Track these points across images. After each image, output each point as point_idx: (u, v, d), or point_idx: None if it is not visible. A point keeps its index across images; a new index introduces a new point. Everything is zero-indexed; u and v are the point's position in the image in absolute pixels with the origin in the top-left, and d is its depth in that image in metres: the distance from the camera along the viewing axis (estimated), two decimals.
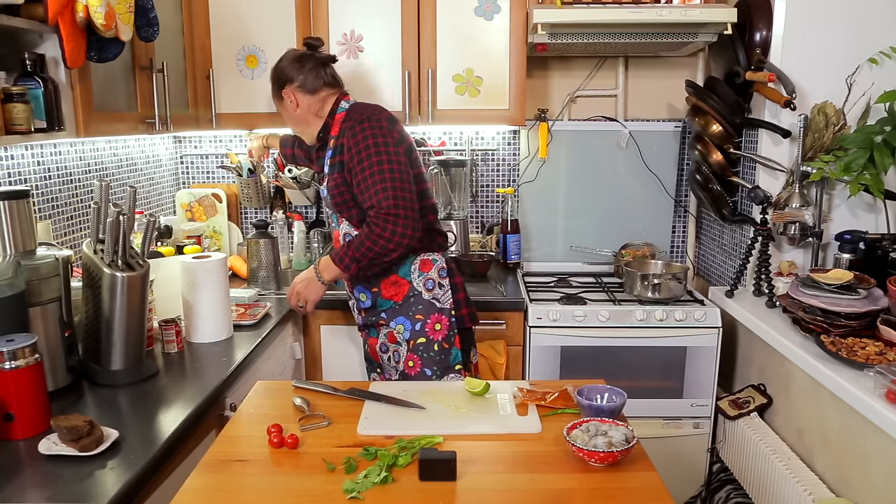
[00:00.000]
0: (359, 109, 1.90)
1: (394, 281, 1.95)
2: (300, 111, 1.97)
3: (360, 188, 1.80)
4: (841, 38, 2.21)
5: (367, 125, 1.81)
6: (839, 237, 2.17)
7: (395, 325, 1.95)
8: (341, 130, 1.90)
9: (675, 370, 2.41)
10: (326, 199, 1.97)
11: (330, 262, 1.89)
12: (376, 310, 1.99)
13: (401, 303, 1.94)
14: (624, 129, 2.90)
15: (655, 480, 1.21)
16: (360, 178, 1.79)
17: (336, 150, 1.90)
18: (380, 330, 2.00)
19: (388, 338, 1.97)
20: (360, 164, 1.78)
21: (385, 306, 1.97)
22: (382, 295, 1.96)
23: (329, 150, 1.94)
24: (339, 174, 1.88)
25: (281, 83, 1.97)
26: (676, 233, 3.03)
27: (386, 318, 1.96)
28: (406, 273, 1.95)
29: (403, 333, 1.94)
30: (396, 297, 1.95)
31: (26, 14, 1.55)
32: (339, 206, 1.92)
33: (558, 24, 2.36)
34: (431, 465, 1.20)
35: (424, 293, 1.94)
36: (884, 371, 1.57)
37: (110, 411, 1.49)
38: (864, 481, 1.67)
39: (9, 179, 1.92)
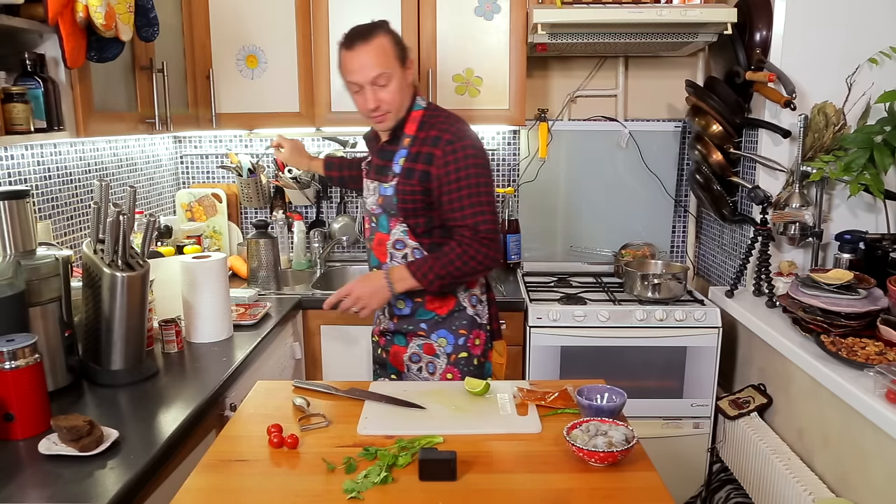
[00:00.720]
0: (453, 122, 1.78)
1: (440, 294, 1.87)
2: (410, 89, 1.80)
3: (455, 206, 1.73)
4: (841, 38, 2.21)
5: (471, 148, 1.74)
6: (839, 237, 2.17)
7: (436, 338, 1.87)
8: (426, 138, 1.76)
9: (675, 370, 2.41)
10: (387, 197, 1.81)
11: (406, 273, 1.76)
12: (414, 319, 1.88)
13: (444, 316, 1.87)
14: (624, 129, 2.90)
15: (655, 480, 1.21)
16: (457, 195, 1.72)
17: (417, 156, 1.76)
18: (411, 339, 1.89)
19: (424, 349, 1.88)
20: (459, 183, 1.72)
21: (426, 317, 1.87)
22: (425, 306, 1.86)
23: (403, 149, 1.80)
24: (420, 182, 1.75)
25: (407, 50, 1.78)
26: (676, 233, 3.03)
27: (426, 329, 1.87)
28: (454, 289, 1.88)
29: (445, 347, 1.87)
30: (440, 309, 1.86)
31: (26, 14, 1.55)
32: (404, 212, 1.80)
33: (558, 24, 2.36)
34: (431, 465, 1.20)
35: (469, 309, 1.88)
36: (884, 371, 1.57)
37: (110, 411, 1.49)
38: (864, 481, 1.67)
39: (9, 179, 1.92)
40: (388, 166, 1.83)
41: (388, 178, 1.81)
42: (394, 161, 1.81)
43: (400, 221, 1.83)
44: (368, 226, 1.96)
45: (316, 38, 2.58)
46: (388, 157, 1.84)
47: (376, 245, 1.89)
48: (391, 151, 1.83)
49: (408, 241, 1.83)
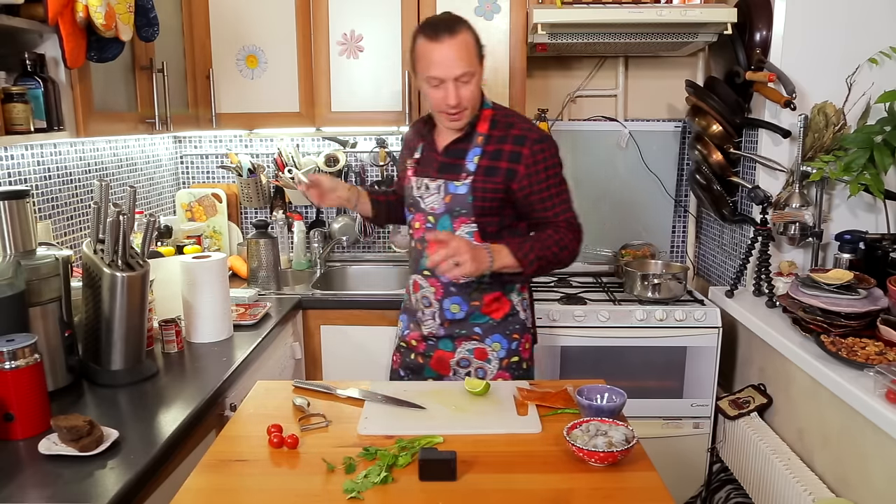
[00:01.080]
0: (529, 121, 1.81)
1: (497, 297, 1.83)
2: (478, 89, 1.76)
3: (546, 204, 1.76)
4: (841, 38, 2.21)
5: (554, 146, 1.79)
6: (839, 237, 2.17)
7: (490, 343, 1.83)
8: (505, 136, 1.75)
9: (675, 370, 2.41)
10: (458, 196, 1.76)
11: (507, 252, 1.69)
12: (468, 323, 1.83)
13: (499, 321, 1.84)
14: (624, 129, 2.90)
15: (655, 480, 1.21)
16: (547, 193, 1.76)
17: (497, 154, 1.74)
18: (460, 344, 1.84)
19: (476, 353, 1.84)
20: (549, 181, 1.75)
21: (481, 321, 1.83)
22: (482, 310, 1.82)
23: (476, 147, 1.76)
24: (503, 180, 1.73)
25: (483, 47, 1.75)
26: (676, 233, 3.03)
27: (481, 333, 1.83)
28: (510, 291, 1.85)
29: (499, 352, 1.84)
30: (496, 313, 1.83)
31: (26, 14, 1.56)
32: (479, 210, 1.75)
33: (558, 24, 2.36)
34: (431, 465, 1.20)
35: (521, 313, 1.87)
36: (884, 371, 1.57)
37: (110, 411, 1.49)
38: (864, 481, 1.67)
39: (9, 179, 1.92)
40: (459, 164, 1.77)
41: (459, 176, 1.76)
42: (466, 159, 1.76)
43: (468, 222, 1.77)
44: (420, 226, 1.84)
45: (316, 38, 2.58)
46: (458, 155, 1.78)
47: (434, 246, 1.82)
48: (462, 150, 1.78)
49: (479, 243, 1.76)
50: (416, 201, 1.85)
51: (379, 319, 2.45)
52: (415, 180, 1.84)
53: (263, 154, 3.01)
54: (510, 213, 1.80)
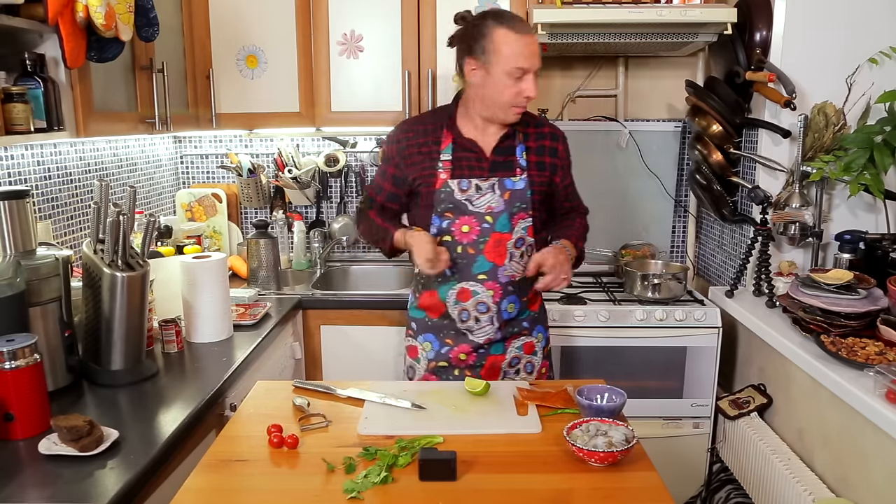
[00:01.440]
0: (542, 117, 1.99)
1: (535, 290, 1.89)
2: None
3: (571, 193, 1.96)
4: (841, 38, 2.21)
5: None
6: (839, 237, 2.17)
7: (535, 335, 1.91)
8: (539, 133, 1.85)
9: (675, 370, 2.41)
10: (517, 191, 1.78)
11: (570, 244, 1.83)
12: (519, 320, 1.88)
13: (538, 312, 1.93)
14: (624, 129, 2.90)
15: (655, 480, 1.21)
16: (572, 183, 1.96)
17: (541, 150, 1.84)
18: (509, 344, 1.86)
19: (525, 348, 1.88)
20: (572, 173, 1.96)
21: (527, 314, 1.90)
22: (529, 306, 1.90)
23: (521, 144, 1.81)
24: (550, 174, 1.85)
25: None
26: (676, 233, 3.03)
27: (528, 327, 1.90)
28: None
29: (542, 342, 1.93)
30: (534, 306, 1.92)
31: (26, 14, 1.56)
32: (536, 204, 1.81)
33: (558, 24, 2.36)
34: (431, 465, 1.20)
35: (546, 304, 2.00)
36: (884, 371, 1.57)
37: (110, 411, 1.49)
38: (864, 481, 1.67)
39: (9, 179, 1.92)
40: (510, 161, 1.80)
41: (514, 171, 1.79)
42: (516, 154, 1.80)
43: (526, 217, 1.79)
44: (470, 229, 1.77)
45: (316, 38, 2.58)
46: (508, 152, 1.80)
47: (493, 246, 1.77)
48: (510, 146, 1.80)
49: (527, 238, 1.82)
50: (460, 204, 1.76)
51: (379, 319, 2.45)
52: (455, 183, 1.76)
53: (263, 154, 3.01)
54: (546, 206, 1.91)
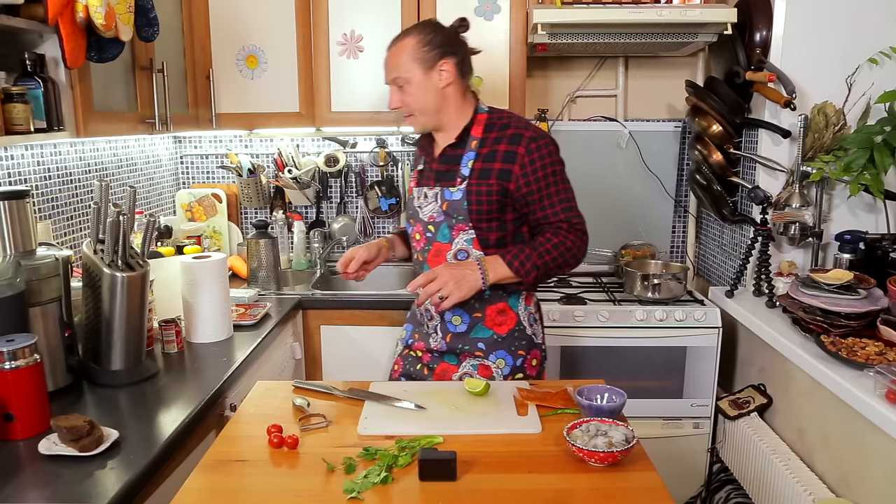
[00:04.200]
0: (525, 121, 1.78)
1: (501, 309, 1.77)
2: (448, 90, 1.72)
3: (545, 203, 1.71)
4: (841, 38, 2.21)
5: (553, 144, 1.73)
6: (839, 237, 2.17)
7: (494, 360, 1.77)
8: (500, 137, 1.72)
9: (675, 370, 2.41)
10: (454, 202, 1.73)
11: (500, 263, 1.66)
12: (470, 337, 1.78)
13: (504, 336, 1.78)
14: (624, 129, 2.90)
15: (655, 480, 1.21)
16: (546, 192, 1.71)
17: (492, 155, 1.71)
18: (464, 359, 1.79)
19: (479, 370, 1.77)
20: (547, 180, 1.71)
21: (483, 335, 1.78)
22: (484, 322, 1.77)
23: (471, 151, 1.73)
24: (497, 181, 1.69)
25: (440, 52, 1.70)
26: (676, 233, 3.03)
27: (484, 349, 1.77)
28: (515, 304, 1.79)
29: (503, 369, 1.77)
30: (500, 328, 1.78)
31: (26, 14, 1.55)
32: (476, 215, 1.72)
33: (558, 24, 2.36)
34: (431, 465, 1.20)
35: (528, 328, 1.80)
36: (884, 371, 1.57)
37: (110, 411, 1.49)
38: (864, 481, 1.67)
39: (9, 179, 1.92)
40: (454, 170, 1.75)
41: (454, 181, 1.74)
42: (461, 164, 1.74)
43: (466, 228, 1.74)
44: (420, 237, 1.81)
45: (316, 38, 2.58)
46: (454, 161, 1.76)
47: (433, 256, 1.78)
48: (457, 155, 1.76)
49: (472, 251, 1.74)
50: (415, 212, 1.82)
51: (379, 319, 2.45)
52: (416, 191, 1.82)
53: (263, 154, 3.01)
54: (512, 218, 1.75)
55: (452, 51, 1.72)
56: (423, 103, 1.74)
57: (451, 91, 1.73)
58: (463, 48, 1.76)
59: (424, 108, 1.75)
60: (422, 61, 1.70)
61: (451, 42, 1.73)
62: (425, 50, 1.70)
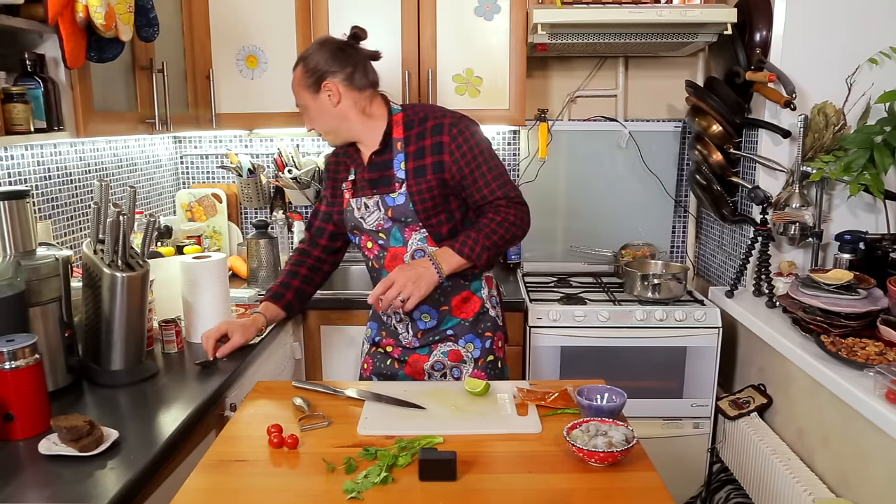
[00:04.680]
0: (440, 109, 1.79)
1: (465, 297, 1.82)
2: (341, 107, 1.74)
3: (480, 183, 1.73)
4: (841, 38, 2.21)
5: (473, 125, 1.77)
6: (839, 237, 2.17)
7: (463, 344, 1.82)
8: (423, 131, 1.74)
9: (675, 370, 2.41)
10: (398, 206, 1.74)
11: (451, 253, 1.68)
12: (440, 329, 1.82)
13: (471, 320, 1.82)
14: (624, 129, 2.90)
15: (655, 480, 1.21)
16: (479, 173, 1.73)
17: (421, 151, 1.73)
18: (434, 348, 1.83)
19: (450, 356, 1.81)
20: (477, 161, 1.73)
21: (453, 324, 1.82)
22: (452, 313, 1.82)
23: (399, 153, 1.75)
24: (434, 175, 1.72)
25: (320, 75, 1.72)
26: (676, 233, 3.03)
27: (454, 334, 1.82)
28: (477, 289, 1.84)
29: (473, 352, 1.82)
30: (466, 314, 1.82)
31: (26, 14, 1.55)
32: (424, 213, 1.74)
33: (558, 24, 2.36)
34: (431, 465, 1.20)
35: (491, 310, 1.85)
36: (884, 371, 1.57)
37: (110, 411, 1.49)
38: (864, 481, 1.67)
39: (9, 179, 1.92)
40: (388, 175, 1.76)
41: (393, 186, 1.75)
42: (394, 168, 1.76)
43: (417, 229, 1.76)
44: (372, 245, 1.83)
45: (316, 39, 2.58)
46: (384, 167, 1.77)
47: (390, 261, 1.80)
48: (387, 160, 1.77)
49: (427, 249, 1.76)
50: (358, 223, 1.82)
51: None
52: (354, 202, 1.82)
53: (263, 154, 3.01)
54: (457, 206, 1.78)
55: (335, 69, 1.72)
56: (323, 124, 1.77)
57: (346, 106, 1.74)
58: (350, 62, 1.74)
59: (327, 128, 1.78)
60: (308, 87, 1.74)
61: (332, 60, 1.73)
62: (307, 75, 1.73)
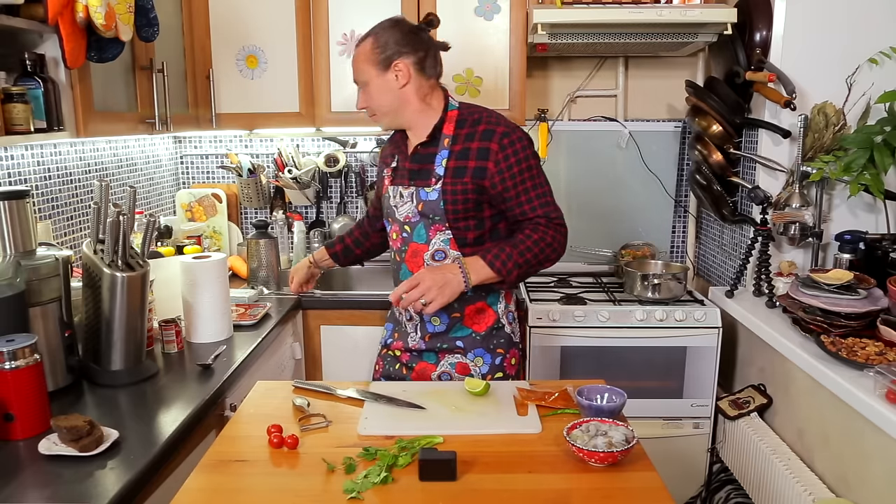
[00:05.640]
0: (497, 115, 1.75)
1: (480, 308, 1.78)
2: (406, 90, 1.71)
3: (522, 199, 1.69)
4: (841, 38, 2.21)
5: (526, 139, 1.72)
6: (839, 237, 2.17)
7: (472, 358, 1.78)
8: (472, 133, 1.71)
9: (675, 370, 2.41)
10: (429, 202, 1.71)
11: (482, 263, 1.64)
12: (449, 336, 1.78)
13: (483, 334, 1.78)
14: (624, 129, 2.90)
15: (655, 480, 1.21)
16: (522, 188, 1.69)
17: (465, 153, 1.70)
18: (443, 357, 1.79)
19: (458, 368, 1.78)
20: (522, 175, 1.69)
21: (462, 334, 1.78)
22: (463, 322, 1.77)
23: (444, 150, 1.72)
24: (472, 179, 1.67)
25: (392, 53, 1.69)
26: (676, 233, 3.03)
27: (463, 347, 1.78)
28: (494, 302, 1.79)
29: (481, 367, 1.78)
30: (479, 326, 1.78)
31: (26, 14, 1.55)
32: (453, 214, 1.70)
33: (558, 24, 2.36)
34: (431, 465, 1.20)
35: (507, 326, 1.81)
36: (884, 371, 1.57)
37: (110, 411, 1.49)
38: (864, 481, 1.67)
39: (9, 179, 1.92)
40: (427, 169, 1.74)
41: (429, 181, 1.72)
42: (435, 163, 1.72)
43: (443, 229, 1.73)
44: (397, 237, 1.81)
45: (316, 38, 2.58)
46: (427, 160, 1.74)
47: (410, 257, 1.77)
48: (430, 154, 1.74)
49: (449, 252, 1.73)
50: (391, 211, 1.81)
51: (379, 320, 2.44)
52: (391, 189, 1.80)
53: (263, 154, 3.01)
54: (490, 215, 1.74)
55: (407, 50, 1.70)
56: (381, 103, 1.74)
57: (411, 90, 1.72)
58: (423, 46, 1.72)
59: (384, 109, 1.75)
60: (376, 63, 1.71)
61: (406, 42, 1.70)
62: (378, 51, 1.70)
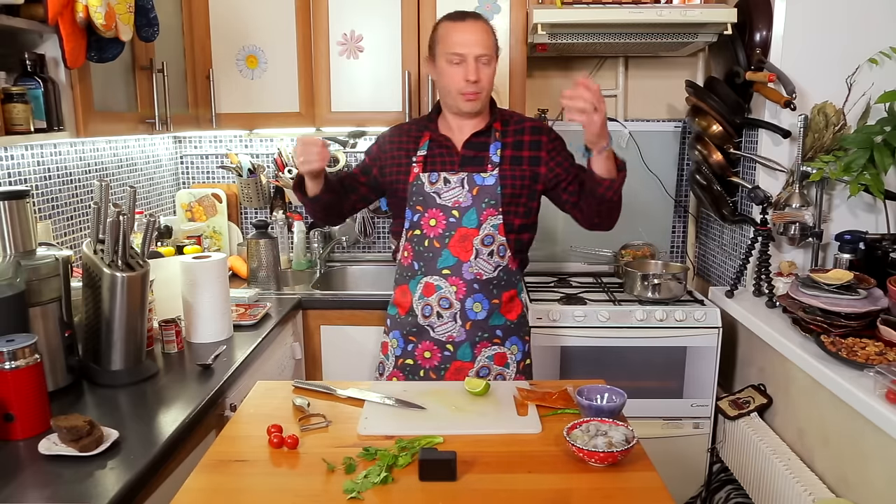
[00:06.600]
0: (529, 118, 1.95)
1: (512, 296, 1.85)
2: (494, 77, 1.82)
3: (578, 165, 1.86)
4: (841, 38, 2.21)
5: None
6: (839, 237, 2.17)
7: (508, 346, 1.84)
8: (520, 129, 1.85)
9: (675, 370, 2.41)
10: (486, 187, 1.77)
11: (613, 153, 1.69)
12: (489, 325, 1.81)
13: (515, 322, 1.86)
14: (624, 129, 2.90)
15: (655, 480, 1.21)
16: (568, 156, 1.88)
17: (519, 144, 1.82)
18: (479, 351, 1.81)
19: (496, 359, 1.82)
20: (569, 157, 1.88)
21: (499, 322, 1.83)
22: (500, 309, 1.83)
23: (496, 141, 1.82)
24: (529, 167, 1.81)
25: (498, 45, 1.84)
26: (676, 233, 3.03)
27: (501, 336, 1.83)
28: (520, 290, 1.89)
29: (516, 355, 1.85)
30: (511, 315, 1.85)
31: (26, 14, 1.56)
32: (509, 198, 1.78)
33: (558, 24, 2.36)
34: (431, 465, 1.20)
35: (528, 314, 1.94)
36: (884, 371, 1.57)
37: (110, 411, 1.49)
38: (864, 481, 1.67)
39: (9, 179, 1.92)
40: (482, 156, 1.81)
41: (485, 167, 1.80)
42: (489, 152, 1.81)
43: (496, 214, 1.78)
44: (437, 223, 1.79)
45: (316, 38, 2.58)
46: (481, 148, 1.82)
47: (458, 241, 1.78)
48: (484, 143, 1.82)
49: (497, 237, 1.79)
50: (429, 197, 1.80)
51: (379, 320, 2.44)
52: (426, 176, 1.80)
53: (263, 154, 3.01)
54: (536, 206, 1.87)
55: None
56: (489, 83, 1.80)
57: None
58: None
59: (489, 92, 1.82)
60: (495, 47, 1.80)
61: None
62: (495, 38, 1.82)
